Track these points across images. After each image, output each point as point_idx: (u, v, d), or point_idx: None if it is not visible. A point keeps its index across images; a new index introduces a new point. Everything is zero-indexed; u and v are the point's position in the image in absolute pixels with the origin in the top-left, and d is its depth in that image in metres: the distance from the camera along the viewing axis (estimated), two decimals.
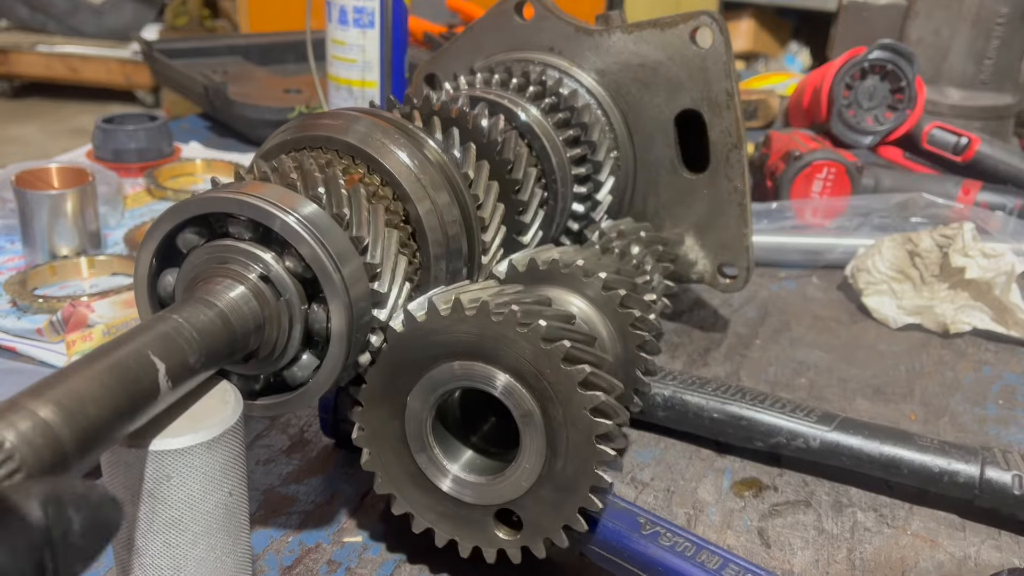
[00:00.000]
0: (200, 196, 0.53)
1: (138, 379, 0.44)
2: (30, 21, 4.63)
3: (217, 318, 0.50)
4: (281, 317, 0.53)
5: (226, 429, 0.49)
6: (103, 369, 0.42)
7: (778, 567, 0.63)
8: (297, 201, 0.53)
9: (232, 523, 0.51)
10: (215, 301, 0.50)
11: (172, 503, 0.47)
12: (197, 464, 0.47)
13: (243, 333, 0.51)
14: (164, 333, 0.47)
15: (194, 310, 0.49)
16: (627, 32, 0.85)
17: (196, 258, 0.54)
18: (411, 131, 0.64)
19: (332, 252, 0.52)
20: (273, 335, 0.53)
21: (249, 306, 0.51)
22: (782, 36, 4.54)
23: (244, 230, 0.53)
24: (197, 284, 0.52)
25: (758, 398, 0.74)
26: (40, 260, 0.96)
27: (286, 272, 0.53)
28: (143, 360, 0.44)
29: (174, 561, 0.48)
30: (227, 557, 0.51)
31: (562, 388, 0.52)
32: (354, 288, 0.53)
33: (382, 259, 0.55)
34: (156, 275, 0.55)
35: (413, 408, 0.56)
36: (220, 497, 0.49)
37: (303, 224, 0.51)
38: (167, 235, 0.54)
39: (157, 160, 1.25)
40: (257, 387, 0.56)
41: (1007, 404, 0.85)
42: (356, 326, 0.53)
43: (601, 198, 0.83)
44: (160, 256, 0.55)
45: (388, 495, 0.59)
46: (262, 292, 0.52)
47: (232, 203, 0.52)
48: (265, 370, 0.55)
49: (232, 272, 0.52)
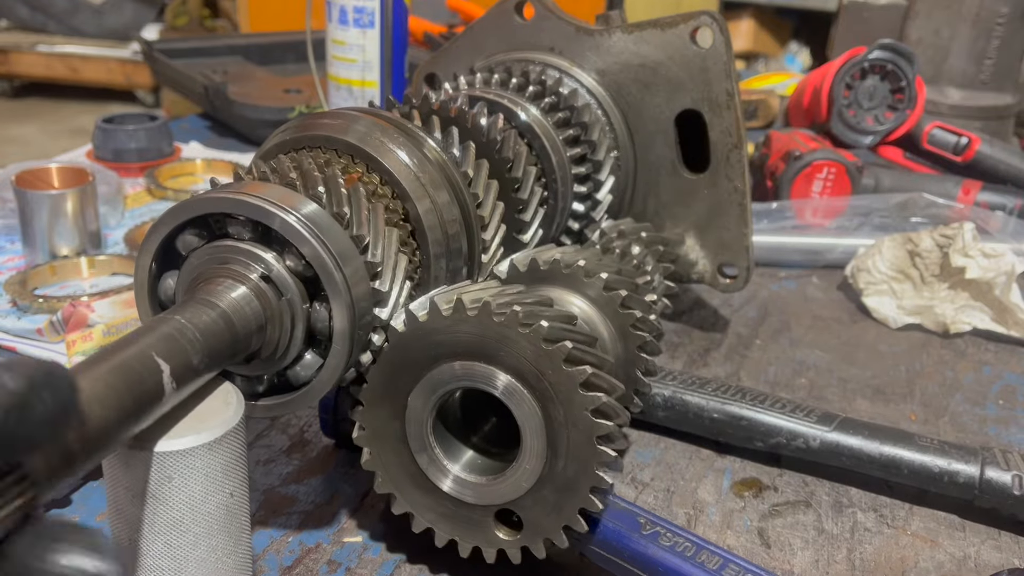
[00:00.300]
0: (198, 197, 0.53)
1: (142, 380, 0.44)
2: (30, 21, 4.63)
3: (219, 319, 0.50)
4: (283, 317, 0.53)
5: (228, 430, 0.49)
6: (108, 370, 0.42)
7: (778, 567, 0.63)
8: (297, 200, 0.53)
9: (233, 524, 0.51)
10: (217, 302, 0.50)
11: (174, 504, 0.47)
12: (199, 465, 0.47)
13: (245, 333, 0.51)
14: (167, 334, 0.47)
15: (196, 311, 0.49)
16: (627, 32, 0.85)
17: (196, 259, 0.54)
18: (410, 130, 0.64)
19: (333, 251, 0.52)
20: (275, 335, 0.53)
21: (251, 306, 0.51)
22: (782, 36, 4.54)
23: (244, 230, 0.53)
24: (198, 285, 0.52)
25: (758, 398, 0.74)
26: (40, 260, 0.96)
27: (287, 271, 0.53)
28: (147, 362, 0.44)
29: (175, 562, 0.48)
30: (228, 558, 0.51)
31: (563, 389, 0.52)
32: (356, 287, 0.53)
33: (383, 257, 0.55)
34: (156, 279, 0.55)
35: (414, 408, 0.56)
36: (222, 498, 0.49)
37: (303, 223, 0.51)
38: (166, 238, 0.54)
39: (157, 160, 1.25)
40: (261, 388, 0.56)
41: (1007, 404, 0.85)
42: (358, 324, 0.53)
43: (601, 197, 0.83)
44: (160, 260, 0.55)
45: (388, 495, 0.59)
46: (263, 292, 0.52)
47: (231, 203, 0.52)
48: (268, 370, 0.55)
49: (233, 272, 0.52)
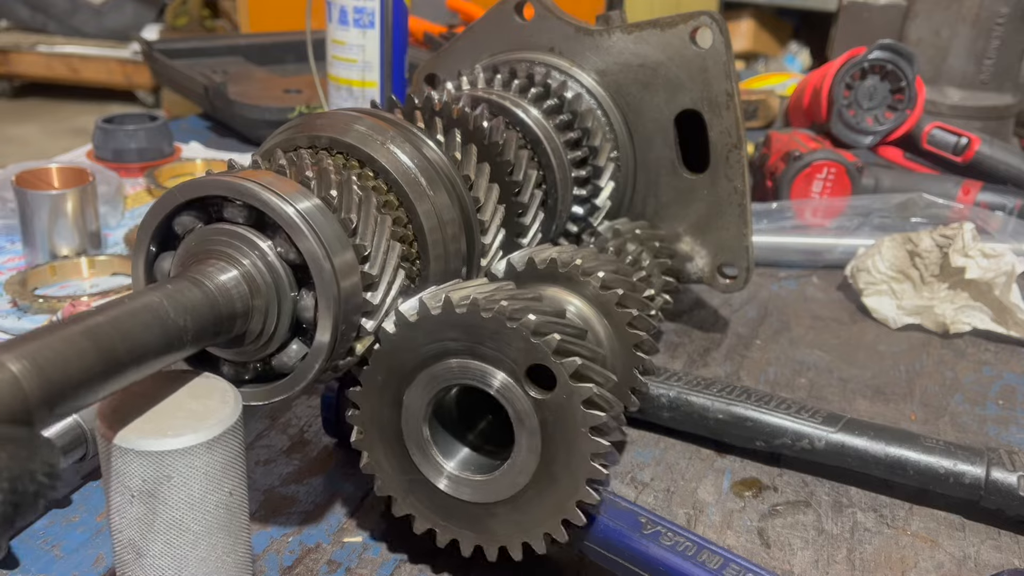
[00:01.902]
0: (196, 180, 0.54)
1: (113, 347, 0.44)
2: (30, 21, 4.63)
3: (202, 294, 0.50)
4: (270, 301, 0.53)
5: (226, 428, 0.49)
6: (80, 332, 0.43)
7: (778, 567, 0.63)
8: (290, 186, 0.54)
9: (233, 523, 0.51)
10: (202, 279, 0.51)
11: (173, 503, 0.47)
12: (198, 464, 0.47)
13: (228, 312, 0.51)
14: (145, 304, 0.47)
15: (179, 286, 0.50)
16: (627, 32, 0.85)
17: (191, 240, 0.54)
18: (412, 132, 0.64)
19: (324, 240, 0.52)
20: (261, 318, 0.53)
21: (237, 288, 0.52)
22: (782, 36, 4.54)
23: (238, 214, 0.53)
24: (189, 265, 0.53)
25: (763, 399, 0.74)
26: (40, 260, 0.96)
27: (277, 257, 0.53)
28: (120, 328, 0.45)
29: (176, 561, 0.48)
30: (228, 556, 0.51)
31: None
32: (342, 273, 0.53)
33: (372, 243, 0.56)
34: (154, 260, 0.56)
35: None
36: (221, 497, 0.49)
37: (293, 207, 0.52)
38: (165, 218, 0.55)
39: (157, 160, 1.25)
40: (247, 376, 0.56)
41: (1007, 404, 0.85)
42: (343, 310, 0.53)
43: (600, 203, 0.83)
44: (158, 241, 0.56)
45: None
46: (251, 275, 0.53)
47: (226, 186, 0.53)
48: (253, 357, 0.56)
49: (222, 254, 0.53)
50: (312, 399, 0.78)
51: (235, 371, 0.56)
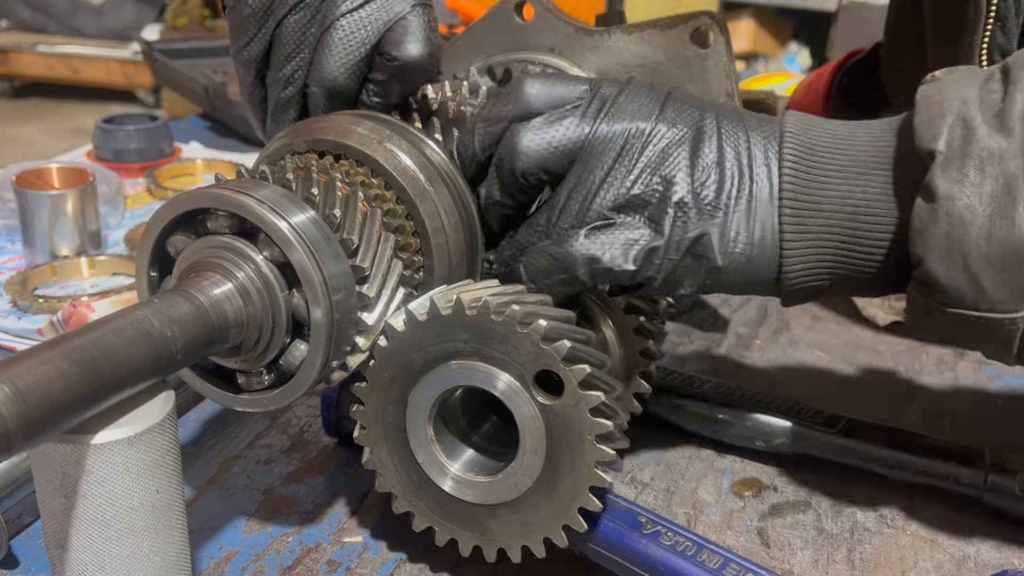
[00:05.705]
0: (178, 196, 0.54)
1: (98, 369, 0.44)
2: (30, 21, 4.63)
3: (191, 307, 0.50)
4: (263, 306, 0.53)
5: (150, 426, 0.48)
6: (60, 353, 0.42)
7: (778, 567, 0.63)
8: (263, 188, 0.54)
9: (161, 522, 0.50)
10: (194, 292, 0.51)
11: (93, 499, 0.47)
12: (118, 460, 0.47)
13: (221, 324, 0.51)
14: (131, 320, 0.47)
15: (167, 300, 0.50)
16: (627, 33, 0.85)
17: (184, 258, 0.55)
18: (410, 132, 0.64)
19: (303, 234, 0.52)
20: (256, 324, 0.53)
21: (231, 301, 0.52)
22: (782, 36, 4.54)
23: (223, 225, 0.54)
24: (183, 280, 0.53)
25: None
26: (40, 260, 0.96)
27: (264, 260, 0.53)
28: (103, 347, 0.44)
29: (98, 557, 0.48)
30: (156, 556, 0.50)
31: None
32: (328, 266, 0.53)
33: (361, 235, 0.55)
34: (158, 285, 0.57)
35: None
36: (146, 495, 0.49)
37: (265, 205, 0.52)
38: (158, 241, 0.55)
39: (157, 160, 1.26)
40: (264, 384, 0.56)
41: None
42: (335, 307, 0.53)
43: None
44: (159, 267, 0.56)
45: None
46: (245, 287, 0.52)
47: (207, 198, 0.53)
48: (259, 363, 0.55)
49: (212, 265, 0.53)
50: (312, 399, 0.78)
51: (249, 381, 0.56)
